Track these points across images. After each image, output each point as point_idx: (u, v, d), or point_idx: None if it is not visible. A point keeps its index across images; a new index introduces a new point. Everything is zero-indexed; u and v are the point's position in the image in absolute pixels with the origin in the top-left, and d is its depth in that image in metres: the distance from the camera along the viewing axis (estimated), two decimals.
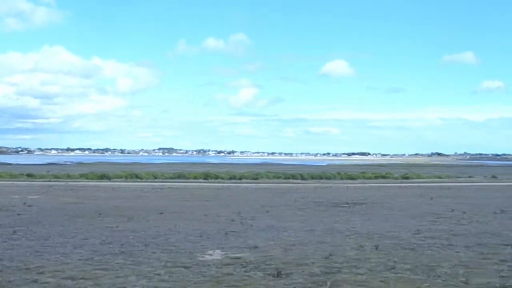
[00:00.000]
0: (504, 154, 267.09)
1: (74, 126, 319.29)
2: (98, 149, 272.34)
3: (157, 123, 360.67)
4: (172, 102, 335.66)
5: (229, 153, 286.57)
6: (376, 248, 13.16)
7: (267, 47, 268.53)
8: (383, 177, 55.34)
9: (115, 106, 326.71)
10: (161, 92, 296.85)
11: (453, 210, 23.03)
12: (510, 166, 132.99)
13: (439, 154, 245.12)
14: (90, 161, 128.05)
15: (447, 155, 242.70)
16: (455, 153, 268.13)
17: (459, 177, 59.03)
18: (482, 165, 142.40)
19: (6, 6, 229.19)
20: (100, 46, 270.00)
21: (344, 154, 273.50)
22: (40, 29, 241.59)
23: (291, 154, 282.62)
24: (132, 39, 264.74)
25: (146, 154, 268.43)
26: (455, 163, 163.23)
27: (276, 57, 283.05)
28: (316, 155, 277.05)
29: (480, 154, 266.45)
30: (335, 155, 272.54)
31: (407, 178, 53.96)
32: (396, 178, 54.02)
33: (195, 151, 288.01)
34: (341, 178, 53.69)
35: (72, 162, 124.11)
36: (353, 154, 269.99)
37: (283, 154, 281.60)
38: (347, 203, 26.82)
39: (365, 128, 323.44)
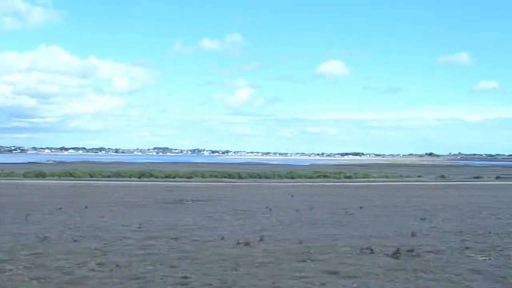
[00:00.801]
0: (498, 155, 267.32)
1: (71, 125, 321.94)
2: (93, 148, 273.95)
3: (154, 123, 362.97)
4: (169, 102, 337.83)
5: (223, 152, 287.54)
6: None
7: (263, 47, 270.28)
8: (325, 176, 56.20)
9: (112, 105, 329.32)
10: (159, 92, 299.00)
11: (268, 208, 23.01)
12: (495, 166, 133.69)
13: (430, 154, 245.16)
14: (73, 160, 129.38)
15: (438, 156, 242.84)
16: (450, 153, 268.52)
17: (408, 177, 60.11)
18: (466, 165, 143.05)
19: (2, 6, 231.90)
20: (97, 46, 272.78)
21: (338, 154, 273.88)
22: (37, 28, 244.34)
23: (286, 154, 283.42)
24: (128, 39, 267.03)
25: (140, 153, 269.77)
26: (439, 163, 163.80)
27: (273, 57, 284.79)
28: (310, 155, 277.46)
29: (474, 154, 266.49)
30: (329, 155, 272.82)
31: (349, 177, 54.96)
32: (338, 178, 54.94)
33: (190, 150, 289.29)
34: (281, 177, 54.64)
35: (54, 161, 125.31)
36: (347, 154, 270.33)
37: (278, 154, 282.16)
38: (192, 200, 27.82)
39: (362, 128, 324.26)
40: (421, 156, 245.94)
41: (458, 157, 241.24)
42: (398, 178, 58.46)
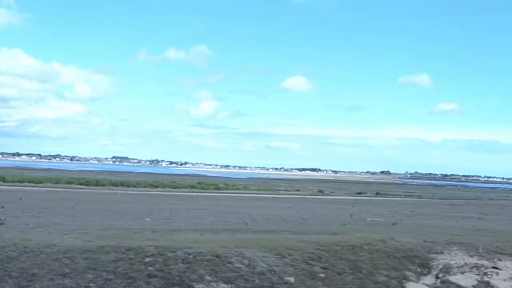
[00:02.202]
0: (452, 175, 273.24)
1: (31, 130, 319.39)
2: (48, 155, 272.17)
3: (115, 131, 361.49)
4: (132, 111, 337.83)
5: (181, 164, 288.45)
6: None
7: (228, 59, 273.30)
8: (193, 187, 58.49)
9: (73, 112, 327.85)
10: (121, 100, 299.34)
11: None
12: (434, 185, 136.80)
13: (383, 172, 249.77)
14: (8, 166, 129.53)
15: (391, 173, 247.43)
16: (406, 172, 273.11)
17: (284, 190, 62.87)
18: (404, 184, 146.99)
19: None
20: (60, 51, 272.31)
21: (296, 169, 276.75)
22: None
23: (245, 167, 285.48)
24: (93, 46, 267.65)
25: (96, 162, 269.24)
26: (380, 181, 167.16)
27: (237, 70, 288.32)
28: (269, 169, 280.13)
29: (430, 174, 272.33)
30: (287, 170, 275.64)
31: (218, 189, 57.32)
32: (206, 189, 57.33)
33: (149, 161, 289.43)
34: (145, 186, 56.81)
35: None
36: (304, 169, 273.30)
37: (237, 167, 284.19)
38: None
39: (325, 144, 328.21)
40: (374, 174, 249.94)
41: (408, 175, 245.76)
42: (273, 191, 60.86)
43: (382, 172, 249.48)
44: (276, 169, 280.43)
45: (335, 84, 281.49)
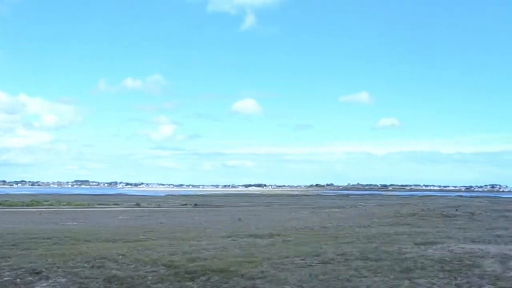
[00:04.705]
0: (392, 184, 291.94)
1: (2, 159, 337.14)
2: (13, 181, 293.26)
3: (82, 157, 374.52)
4: (96, 137, 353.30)
5: (136, 185, 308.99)
6: None
7: (182, 86, 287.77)
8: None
9: (41, 140, 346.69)
10: (86, 128, 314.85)
11: None
12: (370, 194, 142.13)
13: (318, 185, 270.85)
14: None
15: (323, 186, 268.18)
16: (348, 183, 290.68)
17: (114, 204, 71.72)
18: (318, 195, 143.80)
19: None
20: (27, 83, 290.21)
21: (242, 185, 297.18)
22: None
23: (198, 186, 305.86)
24: (57, 77, 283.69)
25: (56, 186, 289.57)
26: (302, 193, 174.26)
27: (191, 95, 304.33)
28: (217, 186, 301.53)
29: (371, 184, 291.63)
30: (233, 186, 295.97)
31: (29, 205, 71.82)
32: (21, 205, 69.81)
33: (107, 183, 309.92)
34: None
35: None
36: (251, 185, 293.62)
37: (191, 186, 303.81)
38: None
39: (278, 161, 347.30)
40: (309, 186, 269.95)
41: (340, 187, 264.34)
42: (105, 204, 76.05)
43: (317, 185, 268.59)
44: (226, 186, 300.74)
45: (281, 105, 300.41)
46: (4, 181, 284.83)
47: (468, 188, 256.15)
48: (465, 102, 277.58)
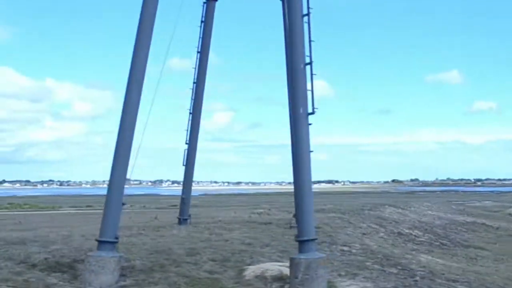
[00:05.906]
0: (487, 179, 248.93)
1: (27, 155, 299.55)
2: (38, 182, 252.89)
3: None
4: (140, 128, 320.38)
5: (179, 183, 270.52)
6: None
7: (238, 66, 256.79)
8: None
9: (72, 133, 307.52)
10: None
11: None
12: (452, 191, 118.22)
13: (393, 181, 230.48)
14: None
15: (401, 181, 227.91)
16: (436, 178, 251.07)
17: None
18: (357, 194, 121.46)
19: None
20: (54, 66, 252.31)
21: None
22: None
23: (259, 183, 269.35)
24: (89, 57, 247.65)
25: (89, 186, 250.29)
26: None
27: (249, 77, 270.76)
28: (281, 183, 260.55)
29: (462, 179, 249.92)
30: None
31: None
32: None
33: (151, 181, 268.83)
34: None
35: None
36: (319, 182, 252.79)
37: (250, 184, 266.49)
38: None
39: (351, 153, 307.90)
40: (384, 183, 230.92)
41: (419, 183, 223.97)
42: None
43: (394, 181, 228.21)
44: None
45: (357, 87, 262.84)
46: (28, 181, 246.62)
47: None
48: None
